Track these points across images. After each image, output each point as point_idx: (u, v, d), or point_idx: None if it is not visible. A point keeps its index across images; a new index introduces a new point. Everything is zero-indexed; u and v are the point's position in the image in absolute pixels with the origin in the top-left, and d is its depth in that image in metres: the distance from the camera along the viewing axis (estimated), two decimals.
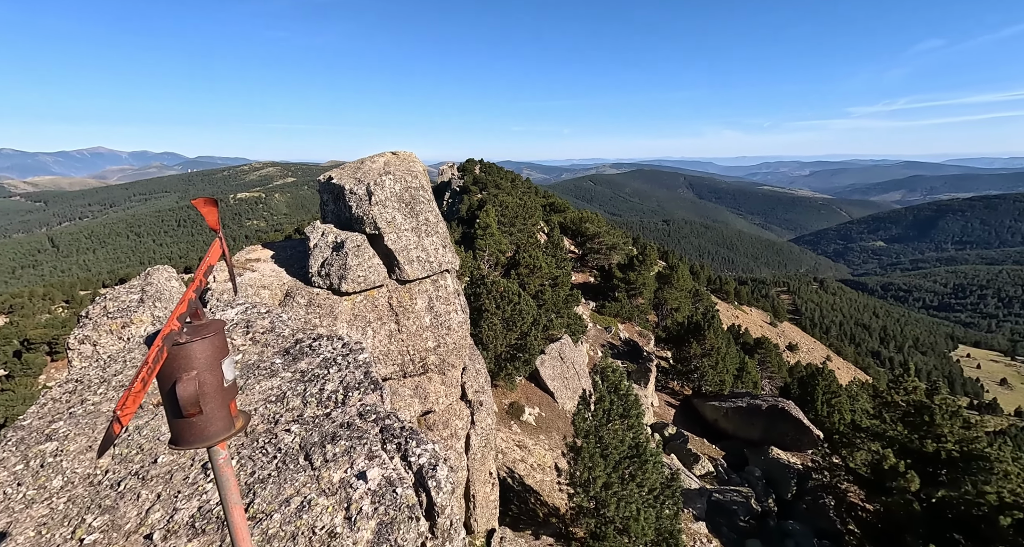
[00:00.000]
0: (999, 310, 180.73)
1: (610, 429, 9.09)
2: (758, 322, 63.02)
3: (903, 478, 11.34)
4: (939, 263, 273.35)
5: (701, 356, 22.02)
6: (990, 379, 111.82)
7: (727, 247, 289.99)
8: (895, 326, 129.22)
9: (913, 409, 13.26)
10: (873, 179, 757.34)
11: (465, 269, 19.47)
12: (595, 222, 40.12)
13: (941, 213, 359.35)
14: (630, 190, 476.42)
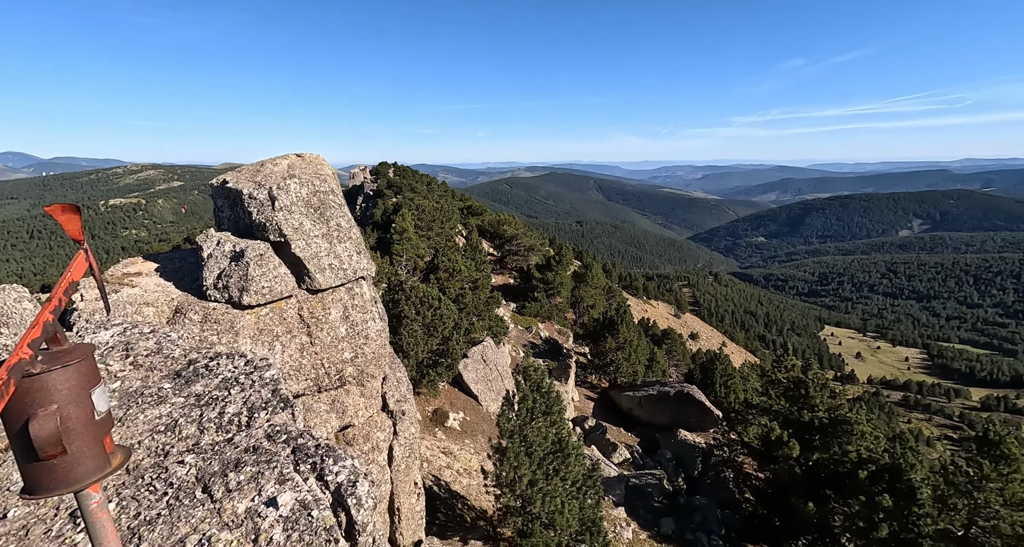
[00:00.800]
0: (853, 293, 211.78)
1: (534, 427, 9.31)
2: (664, 314, 68.05)
3: (787, 446, 12.90)
4: (807, 255, 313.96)
5: (616, 350, 23.31)
6: (848, 353, 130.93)
7: (635, 246, 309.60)
8: (776, 312, 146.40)
9: (792, 384, 15.12)
10: (754, 182, 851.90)
11: (382, 275, 18.83)
12: (513, 224, 40.83)
13: (807, 211, 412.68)
14: (545, 193, 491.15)
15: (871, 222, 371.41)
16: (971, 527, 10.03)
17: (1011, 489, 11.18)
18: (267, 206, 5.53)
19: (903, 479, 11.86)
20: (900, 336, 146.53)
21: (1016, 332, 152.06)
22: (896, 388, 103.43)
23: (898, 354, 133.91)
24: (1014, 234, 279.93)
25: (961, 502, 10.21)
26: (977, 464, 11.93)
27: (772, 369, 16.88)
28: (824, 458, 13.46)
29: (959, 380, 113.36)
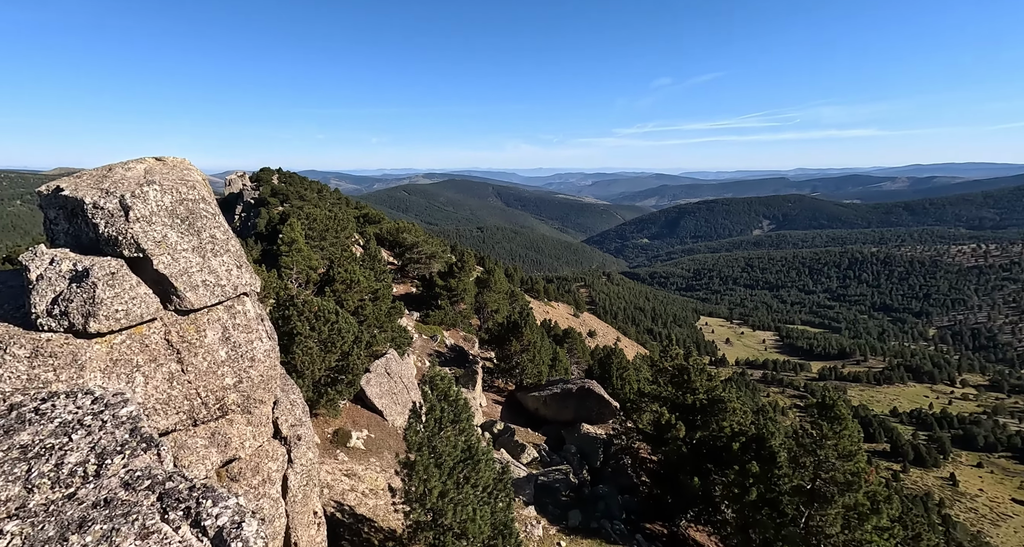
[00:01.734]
0: (721, 286, 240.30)
1: (443, 437, 9.16)
2: (564, 315, 71.30)
3: (674, 429, 14.23)
4: (683, 254, 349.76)
5: (521, 352, 23.87)
6: (720, 340, 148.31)
7: (534, 250, 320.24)
8: (660, 307, 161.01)
9: (677, 372, 16.73)
10: (637, 188, 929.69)
11: (269, 290, 17.27)
12: (413, 232, 39.97)
13: (682, 215, 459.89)
14: (444, 199, 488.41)
15: (732, 223, 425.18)
16: (816, 480, 11.90)
17: (842, 444, 13.47)
18: (119, 217, 4.77)
19: (766, 446, 13.71)
20: (758, 322, 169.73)
21: (839, 312, 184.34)
22: (757, 367, 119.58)
23: (757, 337, 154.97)
24: (835, 231, 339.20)
25: (808, 460, 12.07)
26: (818, 426, 14.17)
27: (659, 359, 18.51)
28: (705, 435, 15.08)
29: (802, 356, 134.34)
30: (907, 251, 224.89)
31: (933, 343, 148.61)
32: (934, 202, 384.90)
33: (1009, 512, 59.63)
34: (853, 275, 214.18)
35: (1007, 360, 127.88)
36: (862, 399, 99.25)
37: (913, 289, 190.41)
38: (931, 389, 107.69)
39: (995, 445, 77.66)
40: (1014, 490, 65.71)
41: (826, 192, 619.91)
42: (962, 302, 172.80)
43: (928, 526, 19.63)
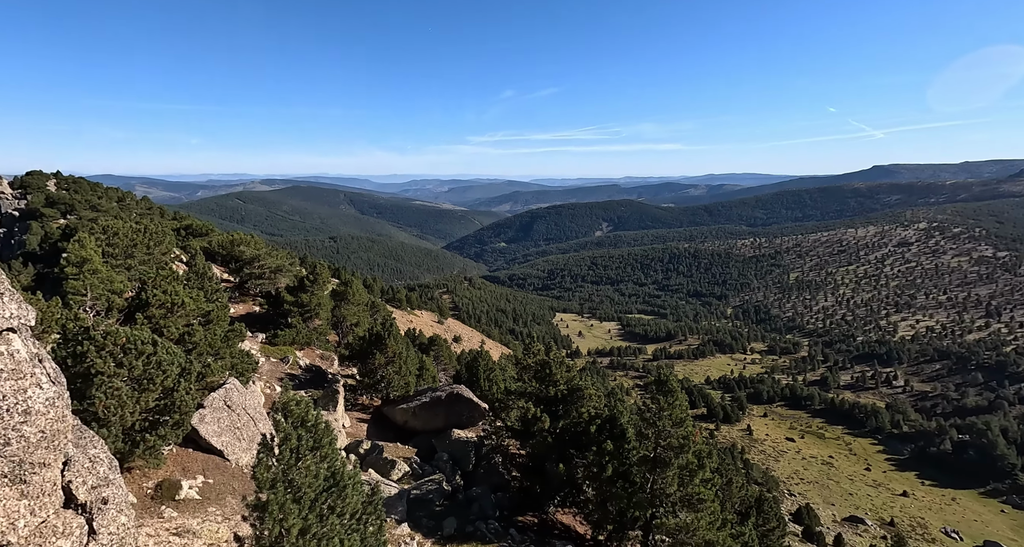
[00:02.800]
0: (572, 284, 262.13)
1: (302, 468, 8.28)
2: (429, 322, 70.47)
3: (540, 421, 15.08)
4: (538, 255, 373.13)
5: (386, 365, 22.86)
6: (573, 333, 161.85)
7: (394, 258, 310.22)
8: (520, 307, 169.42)
9: (539, 367, 17.74)
10: (492, 194, 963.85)
11: (51, 323, 13.69)
12: (252, 244, 35.48)
13: (534, 219, 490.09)
14: (289, 208, 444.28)
15: (577, 226, 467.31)
16: (657, 448, 13.72)
17: (675, 413, 15.74)
18: None
19: (618, 425, 15.32)
20: (604, 314, 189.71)
21: (665, 301, 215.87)
22: (605, 355, 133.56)
23: (604, 328, 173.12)
24: (658, 231, 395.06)
25: (650, 431, 13.85)
26: (656, 400, 16.33)
27: (523, 357, 19.43)
28: (567, 423, 16.27)
29: (640, 341, 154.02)
30: (709, 246, 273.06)
31: (731, 320, 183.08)
32: (724, 205, 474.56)
33: (784, 448, 76.50)
34: (673, 268, 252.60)
35: (778, 329, 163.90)
36: (684, 372, 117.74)
37: (715, 277, 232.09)
38: (732, 358, 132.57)
39: (774, 397, 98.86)
40: (787, 431, 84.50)
41: (649, 197, 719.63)
42: (747, 285, 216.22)
43: (735, 471, 24.14)
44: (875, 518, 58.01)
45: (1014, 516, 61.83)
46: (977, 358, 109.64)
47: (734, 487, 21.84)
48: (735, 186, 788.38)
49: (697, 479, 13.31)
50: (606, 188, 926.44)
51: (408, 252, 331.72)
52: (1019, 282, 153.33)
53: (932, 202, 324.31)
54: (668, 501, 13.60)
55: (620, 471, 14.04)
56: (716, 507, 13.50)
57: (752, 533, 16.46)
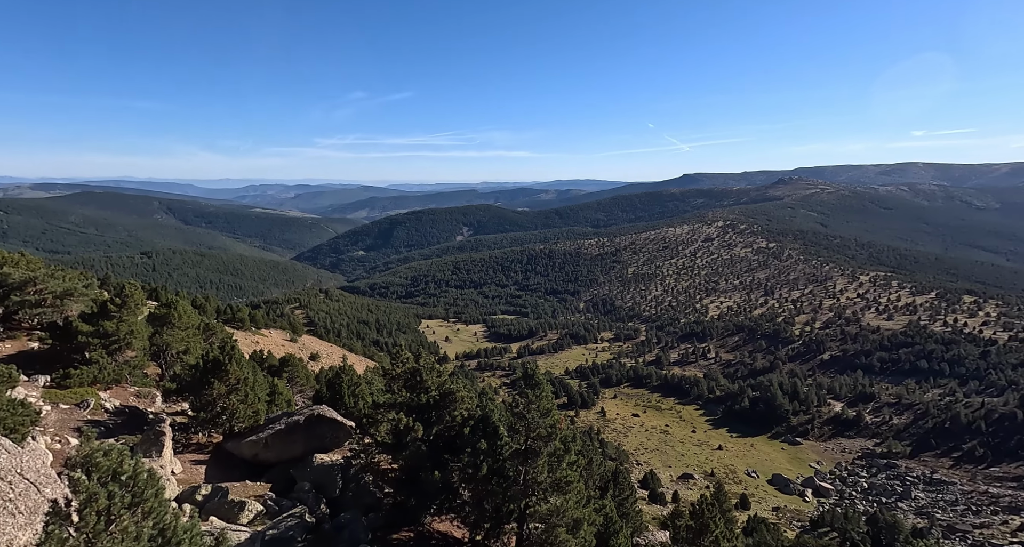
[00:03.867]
0: (437, 290, 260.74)
1: (116, 532, 6.71)
2: (279, 342, 63.43)
3: (413, 431, 14.64)
4: (400, 262, 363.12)
5: (227, 394, 19.86)
6: (440, 338, 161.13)
7: (232, 273, 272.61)
8: (384, 317, 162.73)
9: (410, 375, 17.21)
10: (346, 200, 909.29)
11: None
12: (23, 265, 27.75)
13: (394, 225, 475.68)
14: (79, 218, 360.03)
15: (438, 231, 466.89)
16: (528, 440, 14.37)
17: (542, 404, 16.66)
18: None
19: (490, 423, 15.64)
20: (470, 317, 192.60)
21: (526, 300, 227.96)
22: (473, 357, 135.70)
23: (471, 331, 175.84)
24: (516, 234, 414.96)
25: (521, 425, 14.45)
26: (525, 395, 17.09)
27: (391, 367, 18.64)
28: (441, 429, 16.07)
29: (504, 341, 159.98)
30: (561, 247, 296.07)
31: (583, 314, 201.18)
32: (573, 209, 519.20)
33: (631, 424, 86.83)
34: (531, 268, 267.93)
35: (621, 318, 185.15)
36: (547, 366, 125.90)
37: (568, 275, 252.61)
38: (586, 348, 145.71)
39: (621, 379, 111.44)
40: (632, 408, 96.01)
41: (505, 202, 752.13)
42: (595, 281, 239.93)
43: (594, 451, 26.55)
44: (700, 472, 69.16)
45: (789, 451, 79.43)
46: (761, 329, 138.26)
47: (594, 466, 24.01)
48: (581, 191, 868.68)
49: (564, 463, 14.26)
50: (465, 193, 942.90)
51: (250, 265, 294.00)
52: (784, 266, 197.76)
53: (726, 204, 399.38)
54: (539, 489, 14.32)
55: (494, 468, 14.36)
56: (581, 486, 14.64)
57: (611, 504, 18.25)
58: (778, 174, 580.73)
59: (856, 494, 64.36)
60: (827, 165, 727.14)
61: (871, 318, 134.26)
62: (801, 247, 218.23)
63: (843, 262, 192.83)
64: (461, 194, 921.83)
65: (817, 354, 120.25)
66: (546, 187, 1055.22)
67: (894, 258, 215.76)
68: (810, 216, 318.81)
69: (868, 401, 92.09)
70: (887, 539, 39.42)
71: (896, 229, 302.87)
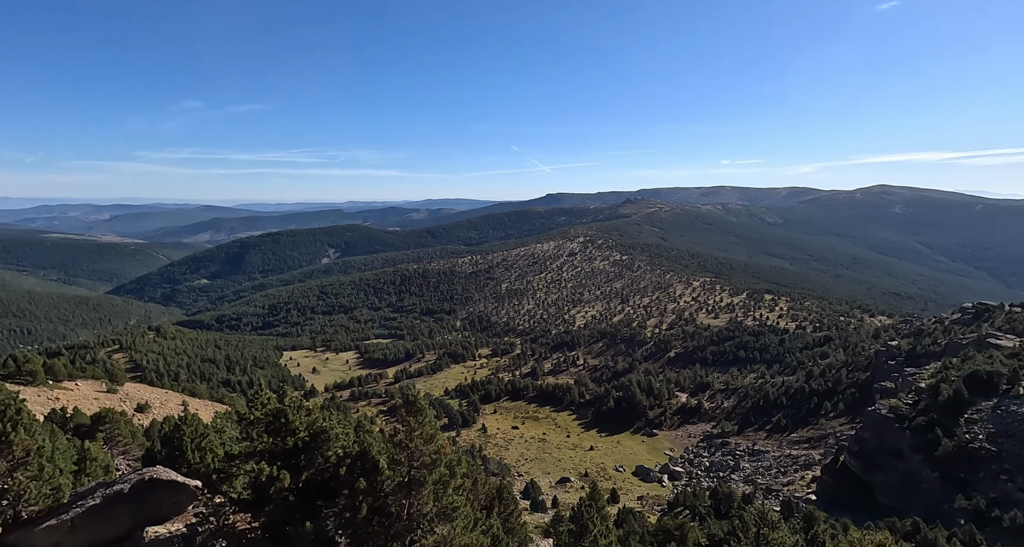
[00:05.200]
0: (300, 318, 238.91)
1: None
2: (91, 395, 51.76)
3: (278, 481, 13.00)
4: (254, 290, 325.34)
5: (12, 471, 15.44)
6: (307, 371, 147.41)
7: (15, 315, 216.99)
8: (236, 352, 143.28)
9: (273, 417, 15.31)
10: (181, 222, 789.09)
11: None
12: None
13: (245, 249, 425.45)
14: None
15: (300, 254, 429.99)
16: (411, 471, 13.76)
17: (426, 430, 16.14)
18: None
19: (369, 458, 14.65)
20: (340, 345, 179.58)
21: (401, 322, 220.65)
22: (345, 387, 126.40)
23: (341, 359, 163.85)
24: (387, 254, 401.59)
25: (403, 455, 13.79)
26: (407, 422, 16.40)
27: (249, 410, 16.41)
28: (312, 473, 14.56)
29: (380, 366, 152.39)
30: (435, 266, 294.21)
31: (460, 332, 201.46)
32: (445, 228, 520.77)
33: (511, 436, 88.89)
34: (406, 289, 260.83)
35: (498, 333, 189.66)
36: (426, 388, 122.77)
37: (444, 294, 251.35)
38: (464, 366, 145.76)
39: (500, 394, 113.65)
40: (512, 420, 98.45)
41: (375, 222, 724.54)
42: (470, 298, 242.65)
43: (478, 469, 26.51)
44: (576, 474, 73.36)
45: (648, 443, 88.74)
46: (620, 334, 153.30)
47: (479, 485, 23.88)
48: (452, 210, 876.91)
49: (450, 489, 13.97)
50: (329, 213, 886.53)
51: (43, 304, 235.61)
52: (635, 276, 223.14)
53: (585, 222, 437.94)
54: (425, 520, 13.77)
55: (375, 507, 13.44)
56: (468, 510, 14.47)
57: (497, 522, 18.34)
58: (626, 194, 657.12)
59: (701, 473, 74.10)
60: (663, 187, 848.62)
61: (703, 317, 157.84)
62: (648, 259, 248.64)
63: (680, 270, 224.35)
64: (325, 214, 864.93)
65: (665, 352, 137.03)
66: (417, 206, 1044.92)
67: (716, 266, 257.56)
68: (653, 231, 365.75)
69: (705, 390, 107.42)
70: (725, 508, 46.04)
71: (716, 241, 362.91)
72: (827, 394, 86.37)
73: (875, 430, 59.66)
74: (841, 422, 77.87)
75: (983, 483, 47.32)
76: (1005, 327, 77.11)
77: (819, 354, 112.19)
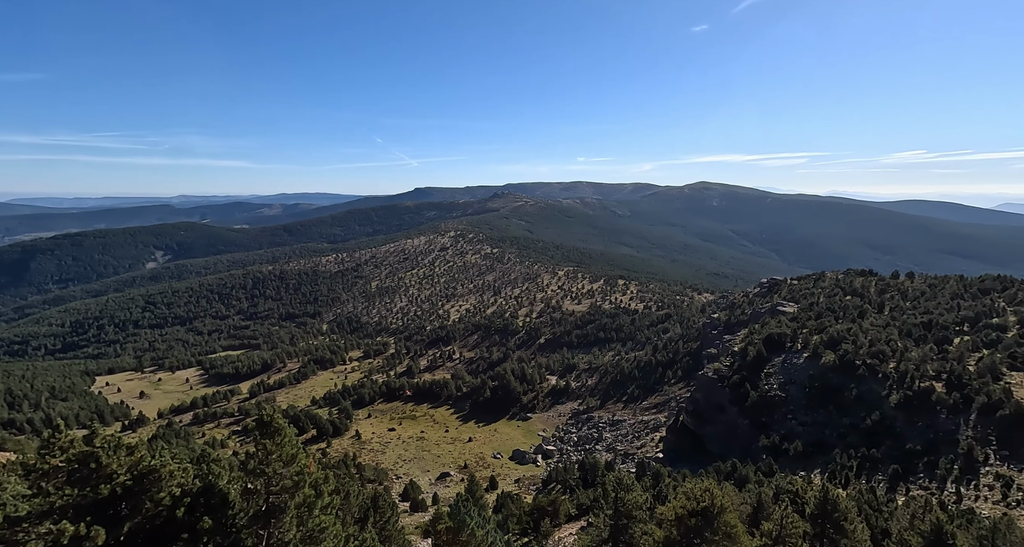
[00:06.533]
0: (119, 334, 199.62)
1: None
2: None
3: (88, 540, 10.75)
4: (48, 305, 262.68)
5: None
6: (132, 396, 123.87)
7: None
8: (22, 384, 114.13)
9: (79, 463, 12.55)
10: None
11: None
12: None
13: (31, 255, 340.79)
14: None
15: (115, 258, 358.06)
16: (269, 497, 12.51)
17: (285, 452, 14.79)
18: None
19: (215, 492, 12.93)
20: (177, 362, 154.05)
21: (256, 330, 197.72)
22: (185, 411, 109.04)
23: (180, 378, 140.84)
24: (234, 255, 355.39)
25: (259, 483, 12.46)
26: (262, 445, 14.81)
27: (40, 458, 13.22)
28: (140, 522, 12.34)
29: (231, 381, 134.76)
30: (295, 266, 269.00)
31: (328, 335, 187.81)
32: (304, 224, 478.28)
33: (388, 439, 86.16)
34: (260, 293, 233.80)
35: (369, 334, 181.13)
36: (290, 399, 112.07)
37: (306, 296, 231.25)
38: (334, 372, 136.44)
39: (375, 397, 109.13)
40: (388, 422, 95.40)
41: (216, 219, 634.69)
42: (338, 299, 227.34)
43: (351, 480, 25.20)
44: (456, 467, 74.15)
45: (523, 427, 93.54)
46: (494, 325, 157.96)
47: (352, 497, 22.71)
48: (312, 205, 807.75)
49: (316, 510, 13.06)
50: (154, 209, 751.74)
51: None
52: (506, 269, 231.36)
53: (455, 216, 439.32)
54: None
55: (226, 545, 11.96)
56: (338, 528, 13.69)
57: (372, 534, 17.68)
58: (494, 189, 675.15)
59: (570, 448, 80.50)
60: (527, 182, 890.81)
61: (568, 304, 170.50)
62: (517, 251, 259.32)
63: (546, 261, 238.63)
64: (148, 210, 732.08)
65: (536, 339, 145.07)
66: (269, 201, 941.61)
67: (577, 255, 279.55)
68: (520, 225, 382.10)
69: (572, 371, 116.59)
70: (591, 478, 50.83)
71: (576, 233, 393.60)
72: (669, 364, 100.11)
73: (704, 391, 71.00)
74: (680, 387, 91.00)
75: (777, 423, 59.59)
76: (788, 297, 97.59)
77: (662, 330, 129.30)
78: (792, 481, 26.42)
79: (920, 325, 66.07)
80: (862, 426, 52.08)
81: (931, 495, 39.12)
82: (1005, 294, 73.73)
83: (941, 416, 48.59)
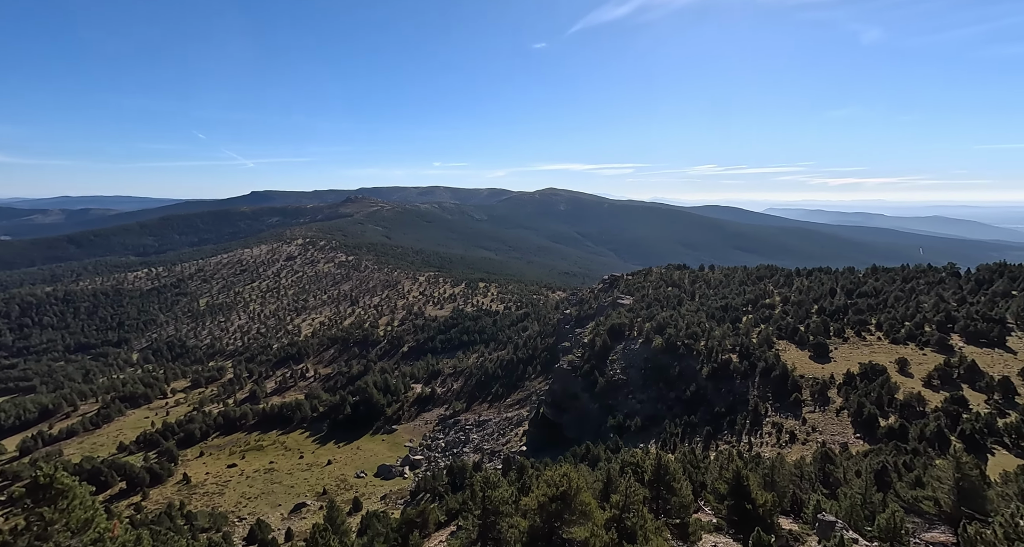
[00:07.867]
0: None
1: None
2: None
3: None
4: None
5: None
6: None
7: None
8: None
9: None
10: None
11: None
12: None
13: None
14: None
15: None
16: None
17: (75, 517, 11.84)
18: None
19: None
20: None
21: (28, 369, 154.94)
22: None
23: None
24: None
25: None
26: (39, 514, 11.64)
27: None
28: None
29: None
30: (87, 285, 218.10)
31: (139, 366, 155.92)
32: (98, 234, 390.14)
33: (228, 478, 74.92)
34: (32, 322, 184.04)
35: (199, 359, 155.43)
36: (86, 449, 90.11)
37: (106, 321, 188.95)
38: (149, 409, 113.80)
39: (208, 431, 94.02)
40: (227, 458, 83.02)
41: None
42: (153, 321, 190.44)
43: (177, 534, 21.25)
44: (313, 495, 67.82)
45: (388, 440, 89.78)
46: (352, 337, 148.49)
47: None
48: (109, 211, 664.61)
49: None
50: None
51: None
52: (363, 277, 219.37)
53: (302, 222, 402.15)
54: None
55: None
56: None
57: None
58: (346, 193, 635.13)
59: (438, 455, 79.84)
60: (383, 186, 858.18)
61: (431, 309, 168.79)
62: (375, 258, 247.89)
63: (406, 267, 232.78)
64: None
65: (399, 348, 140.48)
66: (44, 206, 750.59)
67: (438, 260, 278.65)
68: (377, 230, 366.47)
69: (438, 377, 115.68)
70: (460, 481, 51.10)
71: (436, 237, 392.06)
72: (529, 360, 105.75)
73: (561, 382, 76.70)
74: (540, 381, 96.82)
75: (621, 404, 67.26)
76: (625, 290, 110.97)
77: (521, 328, 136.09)
78: (634, 454, 30.12)
79: (720, 308, 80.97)
80: (684, 398, 61.74)
81: (732, 448, 48.08)
82: (772, 279, 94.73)
83: (737, 381, 60.13)
